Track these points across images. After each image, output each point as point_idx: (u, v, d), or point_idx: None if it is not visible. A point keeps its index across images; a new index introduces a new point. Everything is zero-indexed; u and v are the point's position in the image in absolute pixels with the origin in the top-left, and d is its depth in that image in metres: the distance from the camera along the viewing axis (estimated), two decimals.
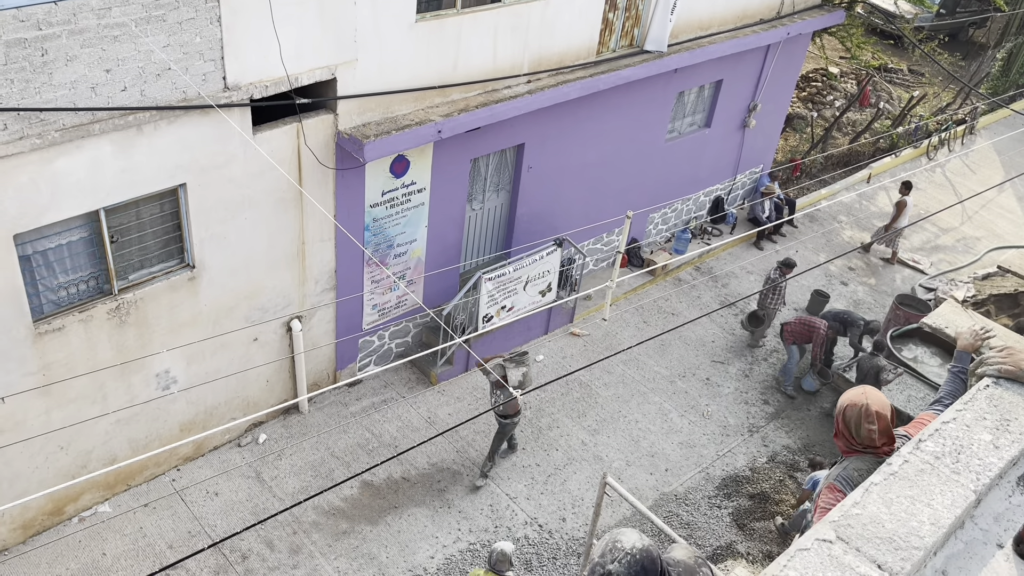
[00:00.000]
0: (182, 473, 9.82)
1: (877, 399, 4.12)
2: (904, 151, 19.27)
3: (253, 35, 8.01)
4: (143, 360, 8.79)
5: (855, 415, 4.02)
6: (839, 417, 4.11)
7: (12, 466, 8.34)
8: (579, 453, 10.82)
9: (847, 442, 4.10)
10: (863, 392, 4.14)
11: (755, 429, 11.62)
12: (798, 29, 13.92)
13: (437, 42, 9.54)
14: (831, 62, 21.34)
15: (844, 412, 4.06)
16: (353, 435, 10.60)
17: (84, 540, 8.95)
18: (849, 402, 4.07)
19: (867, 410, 4.06)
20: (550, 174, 12.08)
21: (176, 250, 8.67)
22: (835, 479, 4.04)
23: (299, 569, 8.95)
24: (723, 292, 14.31)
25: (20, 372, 7.90)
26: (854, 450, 4.11)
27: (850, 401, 4.07)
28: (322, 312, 10.32)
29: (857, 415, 4.02)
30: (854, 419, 4.02)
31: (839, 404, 4.13)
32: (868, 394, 4.12)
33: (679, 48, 12.23)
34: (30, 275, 7.71)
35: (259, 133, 8.53)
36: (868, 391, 4.17)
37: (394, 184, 10.14)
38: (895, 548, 2.14)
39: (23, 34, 6.61)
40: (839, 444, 4.23)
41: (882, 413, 4.09)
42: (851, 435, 4.06)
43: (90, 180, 7.54)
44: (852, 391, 4.14)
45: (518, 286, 11.46)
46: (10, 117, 6.82)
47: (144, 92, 7.52)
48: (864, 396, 4.10)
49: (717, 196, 15.68)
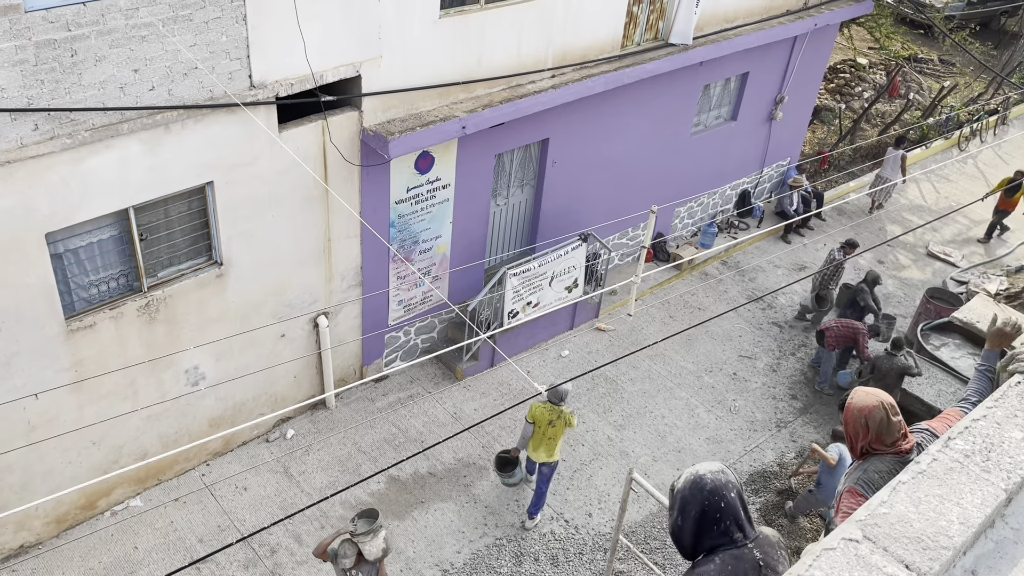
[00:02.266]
0: (211, 468, 9.94)
1: (884, 395, 4.09)
2: (935, 142, 18.97)
3: (278, 33, 8.06)
4: (172, 356, 8.90)
5: (881, 417, 3.94)
6: (862, 425, 4.00)
7: (46, 461, 8.49)
8: (605, 449, 10.80)
9: (870, 446, 4.02)
10: (868, 393, 4.07)
11: (783, 424, 11.53)
12: (825, 20, 13.75)
13: (461, 38, 9.54)
14: (859, 53, 21.06)
15: (869, 418, 3.97)
16: (379, 430, 10.66)
17: (116, 534, 9.10)
18: (866, 406, 3.99)
19: (889, 407, 4.00)
20: (575, 169, 12.05)
21: (204, 247, 8.76)
22: (855, 483, 3.97)
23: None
24: (750, 286, 14.19)
25: (53, 368, 8.03)
26: (873, 452, 4.04)
27: (866, 405, 3.99)
28: (348, 308, 10.38)
29: (883, 416, 3.95)
30: (883, 421, 3.95)
31: (855, 414, 4.01)
32: (874, 394, 4.07)
33: (704, 41, 12.13)
34: (62, 273, 7.84)
35: (285, 131, 8.59)
36: (871, 392, 4.11)
37: (419, 180, 10.16)
38: (923, 548, 2.11)
39: (53, 35, 6.71)
40: (856, 455, 4.14)
41: (896, 406, 4.07)
42: (879, 438, 3.98)
43: (119, 179, 7.64)
44: (858, 398, 4.04)
45: (543, 282, 11.45)
46: (41, 117, 6.93)
47: (171, 91, 7.60)
48: (874, 396, 4.04)
49: (744, 189, 15.55)
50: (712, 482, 2.87)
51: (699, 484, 2.87)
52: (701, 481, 2.87)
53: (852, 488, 3.95)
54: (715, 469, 2.93)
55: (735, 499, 2.86)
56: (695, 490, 2.86)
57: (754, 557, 2.82)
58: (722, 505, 2.82)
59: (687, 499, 2.87)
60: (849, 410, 4.09)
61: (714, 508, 2.82)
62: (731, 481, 2.91)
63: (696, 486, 2.87)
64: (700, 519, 2.84)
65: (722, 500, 2.83)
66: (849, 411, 4.09)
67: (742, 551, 2.82)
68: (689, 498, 2.86)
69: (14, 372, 7.77)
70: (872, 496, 3.84)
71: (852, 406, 4.08)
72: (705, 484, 2.86)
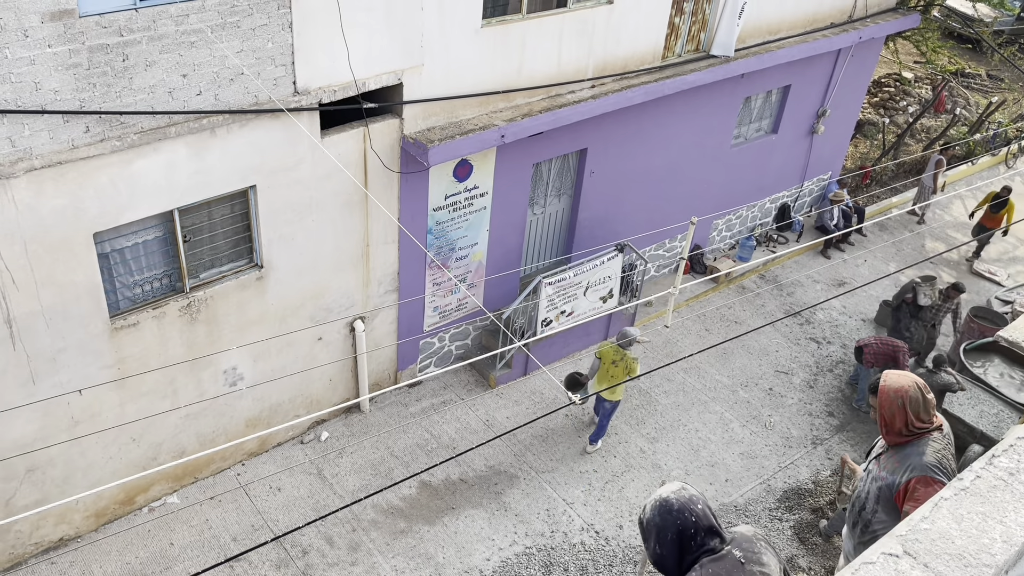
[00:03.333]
0: (247, 468, 10.07)
1: (915, 376, 4.13)
2: (981, 158, 18.63)
3: (323, 41, 8.19)
4: (212, 356, 9.04)
5: (916, 396, 3.97)
6: (899, 406, 4.03)
7: (87, 456, 8.66)
8: (637, 461, 10.74)
9: (907, 426, 4.05)
10: (900, 375, 4.12)
11: (819, 441, 11.37)
12: (871, 33, 13.59)
13: (502, 47, 9.61)
14: (905, 67, 20.78)
15: (905, 397, 4.00)
16: (412, 435, 10.72)
17: (153, 530, 9.25)
18: (900, 387, 4.03)
19: (922, 386, 4.03)
20: (613, 179, 12.04)
21: (245, 250, 8.90)
22: (924, 471, 3.93)
23: (357, 566, 9.09)
24: (788, 301, 14.04)
25: (97, 365, 8.21)
26: (914, 434, 4.04)
27: (901, 386, 4.03)
28: (384, 313, 10.47)
29: (918, 395, 3.98)
30: (918, 400, 3.98)
31: (891, 395, 4.04)
32: (906, 375, 4.12)
33: (746, 53, 12.06)
34: (108, 272, 8.02)
35: (327, 137, 8.71)
36: (903, 374, 4.16)
37: (457, 188, 10.23)
38: (965, 565, 2.08)
39: (106, 40, 6.89)
40: (892, 437, 4.16)
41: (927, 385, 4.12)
42: (917, 416, 4.01)
43: (166, 181, 7.80)
44: (892, 380, 4.09)
45: (578, 291, 11.44)
46: (92, 120, 7.11)
47: (218, 96, 7.75)
48: (907, 377, 4.09)
49: (783, 203, 15.40)
50: (678, 501, 2.94)
51: (666, 507, 2.94)
52: (667, 504, 2.95)
53: (925, 477, 3.91)
54: (675, 488, 3.01)
55: (703, 510, 2.93)
56: (664, 513, 2.93)
57: (735, 557, 2.89)
58: (693, 520, 2.90)
59: (660, 525, 2.94)
60: (884, 392, 4.11)
61: (688, 525, 2.89)
62: (694, 495, 2.99)
63: (664, 509, 2.94)
64: (679, 540, 2.91)
65: (692, 515, 2.91)
66: (884, 393, 4.11)
67: (722, 555, 2.90)
68: (661, 523, 2.93)
69: (60, 368, 7.95)
70: (947, 478, 3.82)
71: (887, 387, 4.10)
72: (672, 505, 2.93)
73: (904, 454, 4.10)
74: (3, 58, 6.45)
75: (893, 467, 4.14)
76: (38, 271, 7.38)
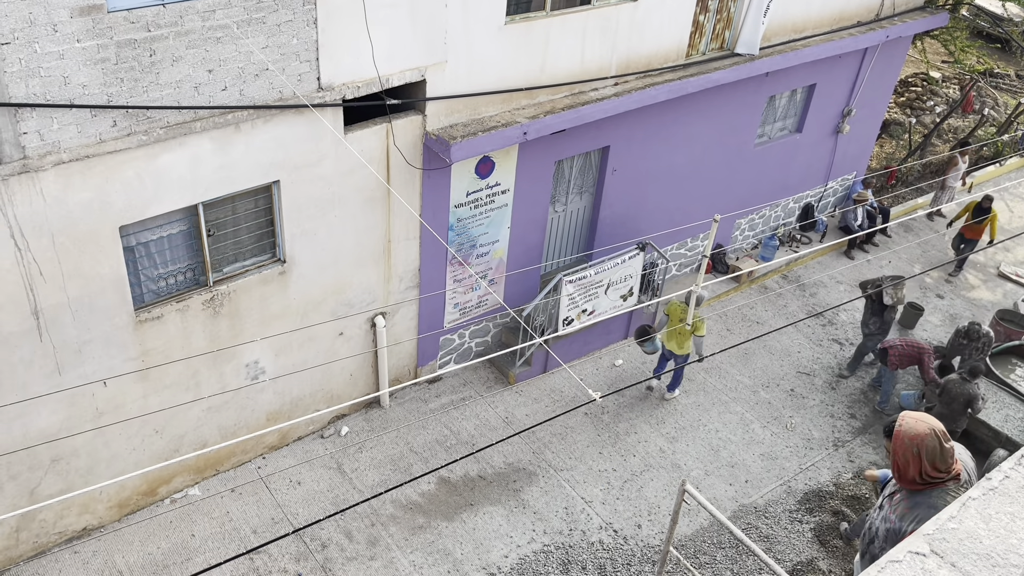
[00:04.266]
0: (267, 461, 10.14)
1: (934, 421, 3.94)
2: (1010, 159, 18.38)
3: (347, 37, 8.22)
4: (234, 350, 9.11)
5: (934, 445, 3.80)
6: (913, 454, 3.86)
7: (111, 447, 8.76)
8: (657, 460, 10.70)
9: (923, 475, 3.89)
10: (918, 420, 3.94)
11: (840, 443, 11.27)
12: (898, 32, 13.45)
13: (525, 44, 9.60)
14: (932, 66, 20.55)
15: (921, 446, 3.83)
16: (432, 431, 10.74)
17: (175, 521, 9.34)
18: (917, 434, 3.84)
19: (941, 434, 3.86)
20: (635, 177, 11.99)
21: (268, 245, 8.96)
22: None
23: (376, 560, 9.12)
24: (811, 302, 13.92)
25: (122, 357, 8.30)
26: (931, 483, 3.90)
27: (917, 433, 3.84)
28: (405, 309, 10.50)
29: (935, 444, 3.81)
30: (935, 449, 3.81)
31: (906, 443, 3.87)
32: (924, 420, 3.92)
33: (771, 51, 11.97)
34: (133, 265, 8.10)
35: (350, 133, 8.75)
36: (920, 418, 3.96)
37: (479, 185, 10.24)
38: (992, 565, 2.05)
39: (133, 35, 6.95)
40: (908, 484, 4.00)
41: (946, 432, 3.92)
42: (934, 466, 3.85)
43: (191, 175, 7.87)
44: (907, 425, 3.90)
45: (599, 290, 11.41)
46: (120, 114, 7.18)
47: (243, 92, 7.80)
48: (924, 423, 3.90)
49: (807, 203, 15.28)
50: None
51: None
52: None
53: None
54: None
55: None
56: None
57: None
58: None
59: None
60: (899, 438, 3.94)
61: None
62: None
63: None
64: None
65: None
66: (899, 439, 3.94)
67: None
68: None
69: (85, 359, 8.05)
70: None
71: (902, 434, 3.93)
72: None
73: (915, 501, 3.97)
74: (33, 52, 6.53)
75: (903, 512, 4.02)
76: (65, 263, 7.47)
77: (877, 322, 11.90)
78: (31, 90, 6.66)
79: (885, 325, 11.90)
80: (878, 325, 11.91)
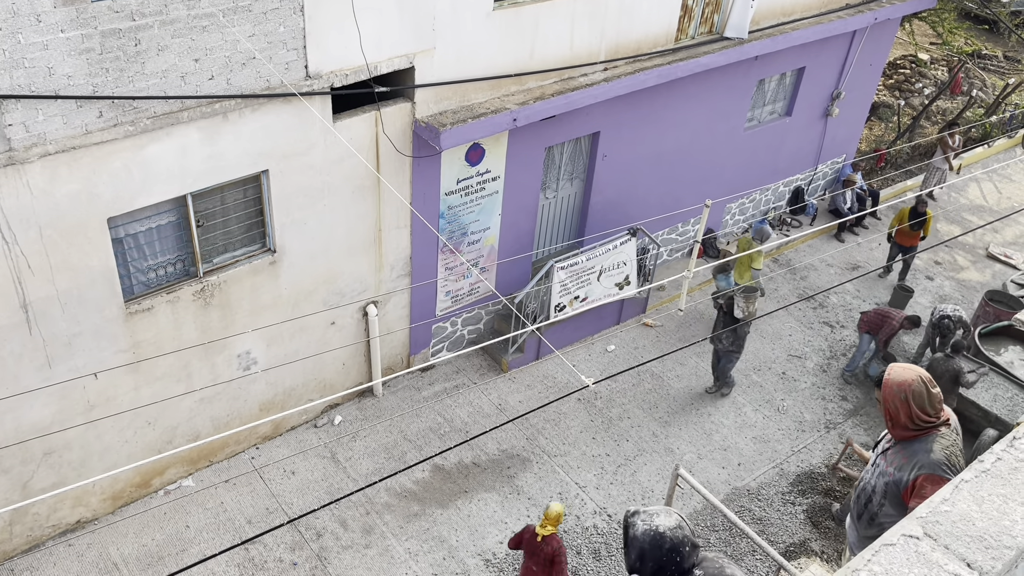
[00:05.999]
0: (261, 451, 10.13)
1: (920, 369, 4.05)
2: (997, 141, 18.44)
3: (334, 24, 8.16)
4: (226, 341, 9.08)
5: (921, 390, 3.90)
6: (902, 400, 3.97)
7: (103, 439, 8.74)
8: (650, 445, 10.74)
9: (912, 420, 3.99)
10: (905, 368, 4.05)
11: (832, 425, 11.34)
12: (886, 14, 13.44)
13: (514, 30, 9.55)
14: (921, 48, 20.56)
15: (909, 391, 3.93)
16: (425, 419, 10.75)
17: (169, 512, 9.33)
18: (904, 380, 3.96)
19: (927, 380, 3.95)
20: (625, 163, 11.98)
21: (258, 235, 8.92)
22: (932, 470, 3.88)
23: (371, 548, 9.15)
24: (801, 285, 13.97)
25: (112, 350, 8.26)
26: (921, 428, 3.98)
27: (905, 380, 3.96)
28: (397, 298, 10.48)
29: (922, 389, 3.90)
30: (922, 394, 3.91)
31: (894, 390, 3.98)
32: (911, 369, 4.03)
33: (760, 35, 11.94)
34: (122, 257, 8.05)
35: (339, 121, 8.70)
36: (907, 367, 4.07)
37: (469, 172, 10.21)
38: (986, 547, 2.06)
39: (118, 24, 6.88)
40: (898, 432, 4.10)
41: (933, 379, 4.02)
42: (923, 410, 3.95)
43: (178, 166, 7.81)
44: (896, 373, 4.02)
45: (591, 276, 11.42)
46: (105, 105, 7.12)
47: (230, 81, 7.74)
48: (912, 370, 4.01)
49: (797, 186, 15.30)
50: (671, 540, 3.00)
51: (658, 542, 3.00)
52: (661, 539, 3.00)
53: (933, 475, 3.86)
54: (672, 525, 3.05)
55: (689, 551, 3.01)
56: (654, 547, 2.99)
57: None
58: (677, 559, 2.98)
59: (646, 552, 3.01)
60: (888, 386, 4.06)
61: (670, 563, 2.98)
62: (687, 536, 3.05)
63: (655, 544, 3.00)
64: (656, 571, 3.00)
65: (678, 555, 2.98)
66: (888, 387, 4.06)
67: None
68: (648, 552, 3.00)
69: (75, 352, 8.01)
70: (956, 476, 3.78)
71: (891, 381, 4.05)
72: (664, 543, 2.99)
73: (912, 450, 4.04)
74: (16, 43, 6.46)
75: (900, 463, 4.08)
76: (53, 256, 7.42)
77: (730, 336, 10.97)
78: (15, 81, 6.59)
79: (739, 340, 10.95)
80: (731, 340, 10.99)
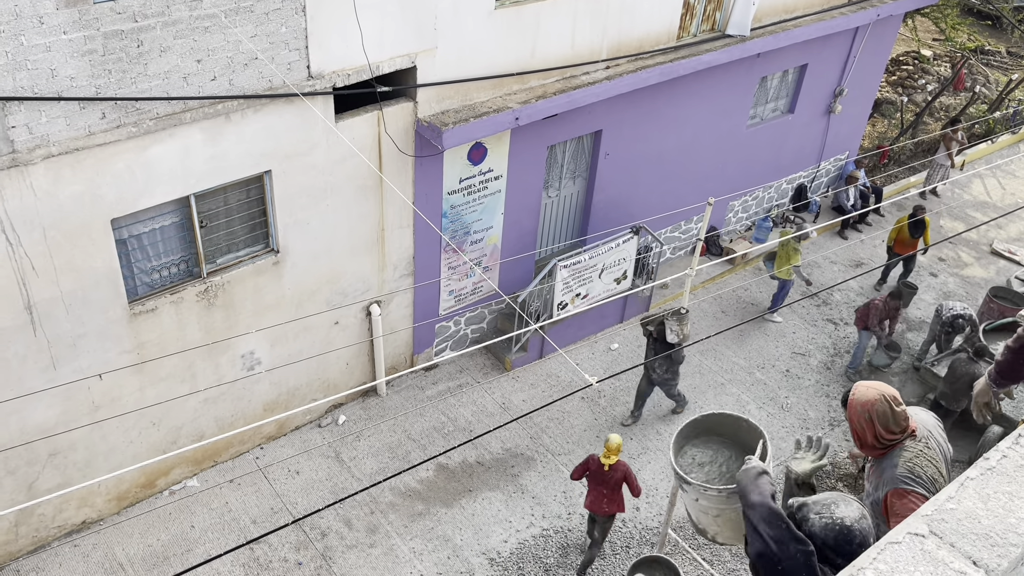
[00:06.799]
0: (265, 451, 10.15)
1: (885, 386, 4.00)
2: (1001, 137, 18.39)
3: (336, 24, 8.16)
4: (229, 341, 9.09)
5: (884, 409, 3.86)
6: (866, 420, 3.92)
7: (108, 440, 8.75)
8: (654, 443, 10.73)
9: (880, 442, 3.95)
10: (869, 387, 4.00)
11: (836, 423, 11.32)
12: (889, 10, 13.41)
13: (516, 29, 9.54)
14: (923, 44, 20.52)
15: (872, 411, 3.88)
16: (429, 418, 10.76)
17: (174, 512, 9.34)
18: (867, 400, 3.91)
19: (891, 398, 3.91)
20: (628, 161, 11.97)
21: (261, 235, 8.93)
22: (896, 484, 3.86)
23: (376, 548, 9.16)
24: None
25: (117, 351, 8.27)
26: (888, 444, 3.96)
27: (868, 399, 3.91)
28: (400, 297, 10.48)
29: (886, 408, 3.87)
30: (885, 413, 3.88)
31: (858, 410, 3.93)
32: (874, 387, 3.99)
33: (762, 32, 11.93)
34: (126, 258, 8.06)
35: (341, 121, 8.70)
36: (871, 385, 4.02)
37: (471, 171, 10.20)
38: (992, 545, 2.06)
39: (120, 26, 6.89)
40: (867, 451, 4.06)
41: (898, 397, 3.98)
42: (887, 429, 3.92)
43: (181, 167, 7.82)
44: (859, 393, 3.97)
45: (593, 274, 11.41)
46: (108, 106, 7.13)
47: (232, 81, 7.74)
48: (875, 389, 3.96)
49: (800, 184, 15.28)
50: (860, 533, 2.66)
51: (847, 537, 2.64)
52: (850, 534, 2.65)
53: (897, 489, 3.84)
54: (857, 516, 2.69)
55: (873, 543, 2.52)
56: (842, 542, 2.64)
57: None
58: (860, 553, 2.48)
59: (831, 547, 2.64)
60: (852, 406, 4.02)
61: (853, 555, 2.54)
62: (869, 526, 2.70)
63: (844, 538, 2.65)
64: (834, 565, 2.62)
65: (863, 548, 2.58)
66: (852, 407, 4.02)
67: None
68: (835, 547, 2.64)
69: (80, 353, 8.02)
70: (921, 486, 3.76)
71: (855, 401, 4.01)
72: (854, 537, 2.66)
73: (880, 468, 4.03)
74: (19, 45, 6.47)
75: (875, 482, 4.07)
76: (57, 257, 7.43)
77: (664, 363, 10.31)
78: (18, 83, 6.60)
79: (674, 366, 10.37)
80: (665, 367, 10.36)
